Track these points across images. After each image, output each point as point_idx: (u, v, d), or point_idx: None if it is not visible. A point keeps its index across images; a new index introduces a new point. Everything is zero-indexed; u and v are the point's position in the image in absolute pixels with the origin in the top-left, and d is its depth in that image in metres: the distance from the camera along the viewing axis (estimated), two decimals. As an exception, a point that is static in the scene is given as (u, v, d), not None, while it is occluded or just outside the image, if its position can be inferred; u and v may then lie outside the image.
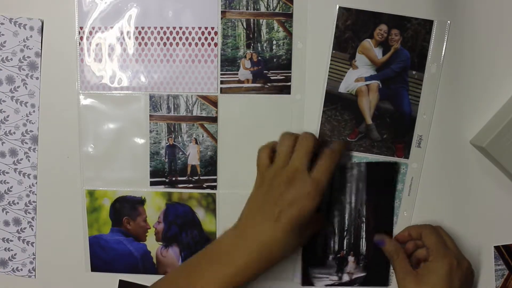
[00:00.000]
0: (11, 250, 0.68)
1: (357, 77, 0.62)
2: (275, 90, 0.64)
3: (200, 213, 0.66)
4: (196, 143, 0.65)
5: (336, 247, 0.65)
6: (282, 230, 0.53)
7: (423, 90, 0.62)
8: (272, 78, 0.64)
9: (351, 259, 0.65)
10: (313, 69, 0.63)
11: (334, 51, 0.62)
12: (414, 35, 0.61)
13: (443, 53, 0.62)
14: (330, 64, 0.62)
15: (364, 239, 0.64)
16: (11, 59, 0.65)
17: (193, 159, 0.65)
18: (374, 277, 0.65)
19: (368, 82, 0.62)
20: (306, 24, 0.63)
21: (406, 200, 0.64)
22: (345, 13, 0.61)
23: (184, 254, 0.66)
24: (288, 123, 0.64)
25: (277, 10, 0.63)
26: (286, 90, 0.64)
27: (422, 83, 0.62)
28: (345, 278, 0.65)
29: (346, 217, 0.64)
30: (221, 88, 0.64)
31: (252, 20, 0.63)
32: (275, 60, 0.63)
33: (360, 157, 0.63)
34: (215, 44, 0.64)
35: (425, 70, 0.62)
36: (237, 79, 0.64)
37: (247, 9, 0.63)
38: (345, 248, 0.65)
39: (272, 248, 0.54)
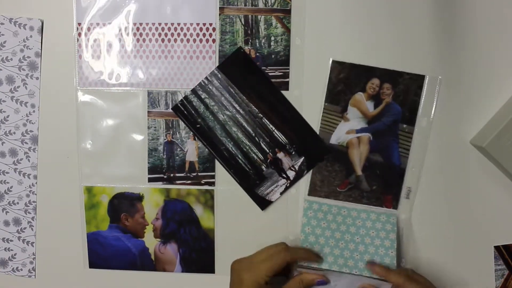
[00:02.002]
0: (11, 250, 0.68)
1: (348, 129, 0.63)
2: (274, 86, 0.64)
3: (198, 209, 0.66)
4: (194, 139, 0.65)
5: (260, 156, 0.64)
6: None
7: (413, 143, 0.62)
8: (270, 74, 0.63)
9: (281, 155, 0.64)
10: (311, 65, 0.62)
11: (326, 104, 0.62)
12: (406, 90, 0.62)
13: (433, 108, 0.62)
14: (322, 116, 0.62)
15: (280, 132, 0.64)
16: (11, 59, 0.65)
17: (191, 155, 0.65)
18: (315, 151, 0.64)
19: (359, 135, 0.62)
20: (304, 20, 0.62)
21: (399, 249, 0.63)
22: (338, 66, 0.62)
23: (182, 250, 0.66)
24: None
25: (275, 6, 0.62)
26: (284, 86, 0.63)
27: (412, 136, 0.62)
28: (291, 174, 0.64)
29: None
30: (219, 84, 0.64)
31: (250, 16, 0.62)
32: (273, 56, 0.63)
33: (349, 208, 0.63)
34: (213, 40, 0.63)
35: (416, 123, 0.62)
36: (235, 75, 0.64)
37: (245, 5, 0.62)
38: (268, 151, 0.64)
39: None
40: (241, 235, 0.66)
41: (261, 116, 0.63)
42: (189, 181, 0.65)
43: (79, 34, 0.64)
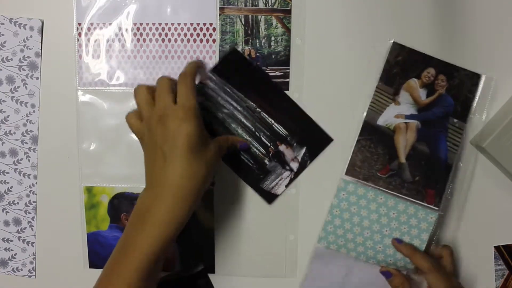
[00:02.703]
0: (11, 250, 0.68)
1: (397, 113, 0.61)
2: (274, 87, 0.64)
3: (198, 209, 0.65)
4: (195, 139, 0.65)
5: (262, 150, 0.63)
6: (180, 166, 0.52)
7: (462, 139, 0.61)
8: (270, 74, 0.63)
9: (283, 147, 0.63)
10: (312, 66, 0.63)
11: (380, 83, 0.61)
12: (460, 85, 0.61)
13: (486, 108, 0.61)
14: (374, 94, 0.61)
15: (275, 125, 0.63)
16: (11, 59, 0.65)
17: (192, 155, 0.65)
18: (316, 140, 0.63)
19: (407, 120, 0.61)
20: (304, 20, 0.62)
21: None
22: (397, 48, 0.61)
23: (181, 250, 0.66)
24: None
25: (275, 6, 0.62)
26: (284, 86, 0.63)
27: (462, 132, 0.61)
28: (294, 165, 0.64)
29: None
30: (219, 84, 0.64)
31: (250, 16, 0.63)
32: (273, 56, 0.63)
33: (386, 195, 0.61)
34: (214, 40, 0.63)
35: (467, 120, 0.61)
36: (235, 75, 0.64)
37: (245, 5, 0.62)
38: (269, 144, 0.63)
39: (182, 186, 0.52)
40: (241, 234, 0.66)
41: (260, 110, 0.63)
42: (189, 181, 0.65)
43: (79, 34, 0.64)
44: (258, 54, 0.63)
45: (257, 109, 0.62)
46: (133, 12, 0.63)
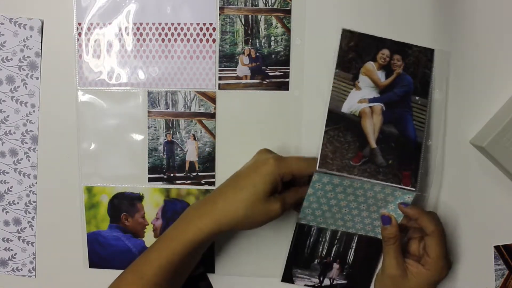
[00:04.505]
0: (11, 250, 0.68)
1: (360, 98, 0.61)
2: (274, 86, 0.63)
3: (198, 209, 0.66)
4: (194, 139, 0.65)
5: (324, 253, 0.64)
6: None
7: (427, 116, 0.60)
8: (270, 74, 0.63)
9: (336, 266, 0.65)
10: (312, 66, 0.62)
11: (337, 70, 0.61)
12: (416, 62, 0.61)
13: (445, 81, 0.61)
14: (334, 82, 0.61)
15: (353, 250, 0.63)
16: (11, 59, 0.65)
17: (191, 155, 0.65)
18: (355, 286, 0.65)
19: (371, 104, 0.60)
20: (304, 20, 0.62)
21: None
22: (348, 35, 0.61)
23: (182, 250, 0.66)
24: (286, 119, 0.64)
25: (275, 6, 0.62)
26: (284, 86, 0.63)
27: (425, 109, 0.60)
28: (326, 282, 0.65)
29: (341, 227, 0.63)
30: (219, 84, 0.64)
31: (250, 16, 0.62)
32: (273, 56, 0.63)
33: (363, 181, 0.59)
34: (213, 40, 0.63)
35: (429, 96, 0.61)
36: (235, 75, 0.64)
37: (245, 5, 0.62)
38: (332, 255, 0.64)
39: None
40: (241, 234, 0.66)
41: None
42: (189, 181, 0.65)
43: (79, 34, 0.64)
44: (258, 54, 0.63)
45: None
46: (133, 12, 0.63)
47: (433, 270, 0.57)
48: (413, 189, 0.58)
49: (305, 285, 0.66)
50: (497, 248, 0.64)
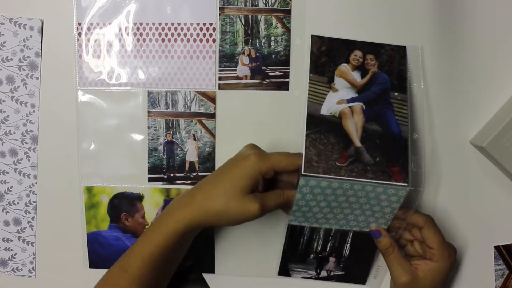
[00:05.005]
0: (11, 250, 0.68)
1: (338, 99, 0.60)
2: (274, 86, 0.63)
3: (198, 209, 0.66)
4: (194, 139, 0.65)
5: (319, 248, 0.64)
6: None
7: (409, 110, 0.60)
8: (270, 74, 0.63)
9: (332, 259, 0.65)
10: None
11: (311, 75, 0.60)
12: (390, 60, 0.61)
13: (421, 75, 0.62)
14: (309, 87, 0.60)
15: (348, 245, 0.63)
16: (11, 59, 0.65)
17: (191, 155, 0.65)
18: (352, 276, 0.65)
19: (350, 104, 0.60)
20: (304, 20, 0.62)
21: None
22: (318, 40, 0.61)
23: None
24: (286, 120, 0.64)
25: (275, 6, 0.62)
26: (284, 86, 0.63)
27: (406, 104, 0.60)
28: (323, 274, 0.65)
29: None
30: (219, 84, 0.64)
31: (250, 16, 0.62)
32: (273, 56, 0.63)
33: (352, 183, 0.57)
34: (214, 40, 0.63)
35: (407, 91, 0.61)
36: (235, 75, 0.64)
37: (245, 5, 0.62)
38: (327, 250, 0.64)
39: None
40: (241, 234, 0.66)
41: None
42: (189, 181, 0.65)
43: (79, 34, 0.64)
44: (258, 54, 0.63)
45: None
46: (133, 12, 0.63)
47: (441, 258, 0.56)
48: (405, 184, 0.57)
49: (302, 278, 0.66)
50: (497, 248, 0.64)
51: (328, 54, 0.61)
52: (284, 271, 0.66)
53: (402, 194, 0.57)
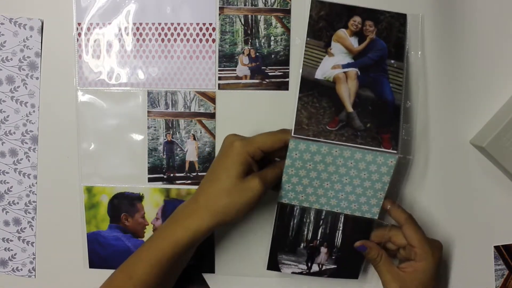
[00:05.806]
0: (11, 250, 0.68)
1: (333, 64, 0.60)
2: (273, 86, 0.63)
3: (198, 209, 0.66)
4: (194, 139, 0.65)
5: (310, 235, 0.62)
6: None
7: (404, 78, 0.60)
8: (270, 74, 0.63)
9: (323, 250, 0.62)
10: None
11: (308, 39, 0.60)
12: (389, 27, 0.60)
13: (419, 44, 0.61)
14: (305, 50, 0.59)
15: (340, 231, 0.62)
16: (11, 59, 0.65)
17: (191, 155, 0.65)
18: (344, 270, 0.63)
19: (345, 70, 0.59)
20: (304, 20, 0.62)
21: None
22: (318, 5, 0.60)
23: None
24: (286, 119, 0.64)
25: (275, 6, 0.62)
26: (284, 86, 0.63)
27: (402, 72, 0.60)
28: (315, 268, 0.63)
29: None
30: (219, 84, 0.64)
31: (250, 16, 0.62)
32: (273, 56, 0.63)
33: (342, 147, 0.57)
34: (213, 40, 0.63)
35: (404, 59, 0.60)
36: (235, 75, 0.64)
37: (245, 5, 0.62)
38: (319, 238, 0.62)
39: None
40: (241, 234, 0.66)
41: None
42: (189, 181, 0.65)
43: (79, 34, 0.64)
44: (257, 54, 0.63)
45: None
46: (133, 12, 0.63)
47: (425, 257, 0.56)
48: (395, 151, 0.57)
49: (292, 273, 0.63)
50: (497, 248, 0.64)
51: (327, 18, 0.60)
52: (273, 264, 0.63)
53: (391, 164, 0.57)
